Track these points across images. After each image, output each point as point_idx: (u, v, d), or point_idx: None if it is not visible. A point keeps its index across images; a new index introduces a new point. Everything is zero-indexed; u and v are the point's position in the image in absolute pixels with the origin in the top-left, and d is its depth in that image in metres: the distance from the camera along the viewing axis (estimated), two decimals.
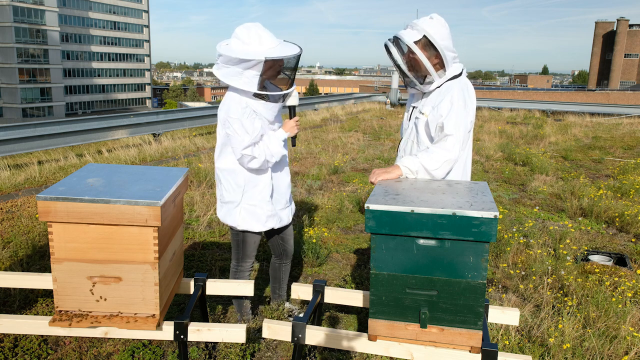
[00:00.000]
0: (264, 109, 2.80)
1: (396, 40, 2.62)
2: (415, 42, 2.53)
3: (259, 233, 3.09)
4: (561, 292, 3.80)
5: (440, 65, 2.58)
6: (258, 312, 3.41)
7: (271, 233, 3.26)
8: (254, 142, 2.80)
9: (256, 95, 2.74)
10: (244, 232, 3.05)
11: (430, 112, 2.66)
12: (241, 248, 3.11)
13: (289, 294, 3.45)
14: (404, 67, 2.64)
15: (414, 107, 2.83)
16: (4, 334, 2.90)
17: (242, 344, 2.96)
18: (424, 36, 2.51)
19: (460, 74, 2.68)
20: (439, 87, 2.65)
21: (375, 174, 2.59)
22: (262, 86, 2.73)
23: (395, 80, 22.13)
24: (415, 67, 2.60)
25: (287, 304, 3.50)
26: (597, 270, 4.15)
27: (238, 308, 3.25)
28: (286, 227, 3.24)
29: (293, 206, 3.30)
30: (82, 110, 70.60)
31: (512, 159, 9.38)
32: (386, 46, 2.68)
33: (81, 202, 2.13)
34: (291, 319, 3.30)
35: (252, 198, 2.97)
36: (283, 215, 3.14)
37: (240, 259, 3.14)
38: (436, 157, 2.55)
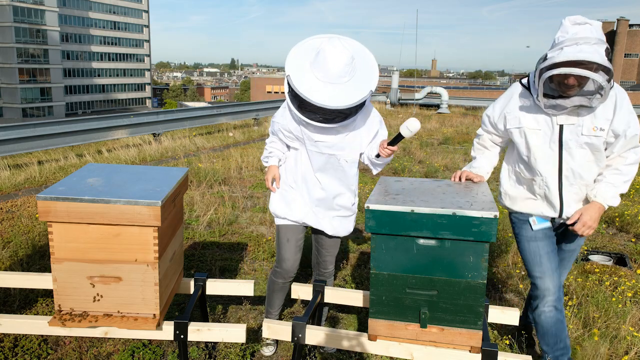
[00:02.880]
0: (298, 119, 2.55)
1: (581, 65, 2.15)
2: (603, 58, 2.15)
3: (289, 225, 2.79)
4: None
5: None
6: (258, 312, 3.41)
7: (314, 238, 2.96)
8: (273, 133, 2.78)
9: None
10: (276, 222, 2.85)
11: (612, 122, 2.33)
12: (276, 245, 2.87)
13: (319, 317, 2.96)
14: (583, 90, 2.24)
15: (561, 125, 2.38)
16: (4, 333, 2.89)
17: (242, 344, 2.96)
18: (606, 48, 2.20)
19: None
20: None
21: (588, 226, 2.39)
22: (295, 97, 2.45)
23: (395, 80, 22.14)
24: (582, 83, 2.23)
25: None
26: (597, 270, 4.15)
27: None
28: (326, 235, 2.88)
29: (346, 223, 2.85)
30: (82, 110, 70.59)
31: None
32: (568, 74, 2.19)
33: (81, 202, 2.13)
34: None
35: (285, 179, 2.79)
36: (322, 220, 2.78)
37: (276, 260, 2.88)
38: (632, 176, 2.41)
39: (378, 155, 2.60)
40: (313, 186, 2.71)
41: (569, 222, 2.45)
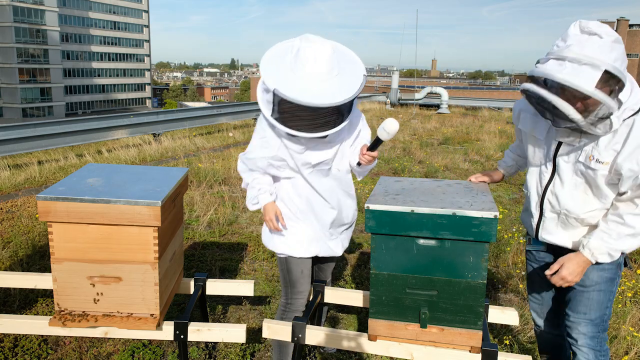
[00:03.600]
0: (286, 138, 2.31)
1: (559, 89, 1.79)
2: (597, 87, 1.72)
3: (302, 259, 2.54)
4: None
5: (619, 93, 1.80)
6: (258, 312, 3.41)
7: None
8: (247, 160, 2.43)
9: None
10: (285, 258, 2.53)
11: (618, 157, 1.90)
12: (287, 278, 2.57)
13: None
14: (570, 112, 1.79)
15: (560, 141, 2.05)
16: (4, 334, 2.89)
17: (242, 344, 2.96)
18: (605, 72, 1.72)
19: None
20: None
21: (567, 282, 2.07)
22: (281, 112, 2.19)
23: (395, 80, 22.14)
24: (588, 109, 1.79)
25: None
26: None
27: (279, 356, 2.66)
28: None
29: (350, 233, 2.72)
30: (82, 110, 70.59)
31: None
32: (533, 94, 1.87)
33: (81, 202, 2.13)
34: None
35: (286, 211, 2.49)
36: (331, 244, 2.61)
37: (286, 296, 2.61)
38: (639, 230, 1.95)
39: (360, 163, 2.38)
40: (322, 209, 2.46)
41: (547, 272, 2.12)
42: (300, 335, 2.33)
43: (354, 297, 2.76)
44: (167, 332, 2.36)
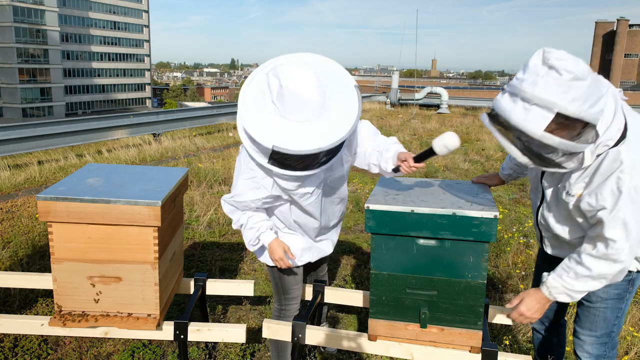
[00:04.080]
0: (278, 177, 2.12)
1: (505, 125, 1.67)
2: (547, 130, 1.57)
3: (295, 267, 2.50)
4: None
5: (589, 133, 1.61)
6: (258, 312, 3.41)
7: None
8: (236, 203, 2.24)
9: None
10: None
11: (584, 191, 1.80)
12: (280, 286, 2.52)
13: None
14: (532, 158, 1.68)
15: None
16: (4, 334, 2.89)
17: (242, 344, 2.96)
18: (557, 114, 1.55)
19: (624, 129, 1.71)
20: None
21: (525, 317, 2.00)
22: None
23: (395, 80, 22.13)
24: (549, 151, 1.65)
25: None
26: None
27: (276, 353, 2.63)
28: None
29: (339, 227, 2.68)
30: (82, 110, 70.57)
31: None
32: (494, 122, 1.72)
33: (81, 202, 2.13)
34: None
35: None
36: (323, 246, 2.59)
37: (280, 302, 2.58)
38: (596, 273, 1.81)
39: (396, 170, 2.23)
40: (312, 224, 2.39)
41: (507, 305, 2.06)
42: (300, 335, 2.33)
43: (354, 297, 2.76)
44: (167, 332, 2.36)
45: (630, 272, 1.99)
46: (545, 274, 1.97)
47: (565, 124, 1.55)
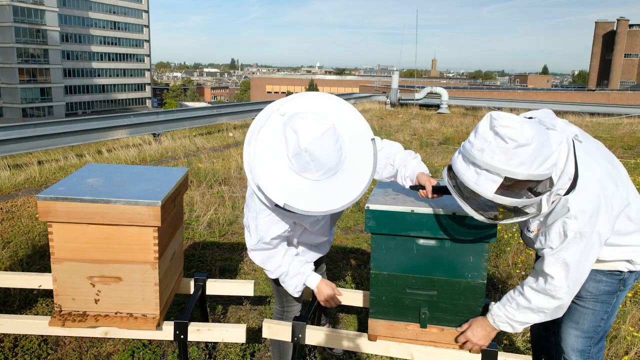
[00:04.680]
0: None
1: (460, 186, 1.77)
2: (497, 192, 1.67)
3: None
4: None
5: (542, 185, 1.70)
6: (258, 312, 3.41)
7: None
8: (266, 245, 2.18)
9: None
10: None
11: (540, 228, 1.92)
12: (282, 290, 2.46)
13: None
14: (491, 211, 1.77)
15: None
16: (4, 334, 2.89)
17: (242, 344, 2.96)
18: (505, 178, 1.64)
19: (575, 178, 1.77)
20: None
21: (471, 343, 2.07)
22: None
23: (395, 80, 22.15)
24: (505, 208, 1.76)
25: None
26: None
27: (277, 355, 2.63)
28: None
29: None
30: (82, 110, 70.58)
31: None
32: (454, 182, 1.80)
33: (81, 202, 2.13)
34: None
35: None
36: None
37: (281, 304, 2.55)
38: (535, 306, 1.91)
39: (414, 188, 2.17)
40: (315, 238, 2.40)
41: (457, 329, 2.14)
42: (300, 336, 2.33)
43: (354, 297, 2.76)
44: (167, 332, 2.36)
45: (621, 272, 2.01)
46: (492, 303, 2.06)
47: (515, 184, 1.64)
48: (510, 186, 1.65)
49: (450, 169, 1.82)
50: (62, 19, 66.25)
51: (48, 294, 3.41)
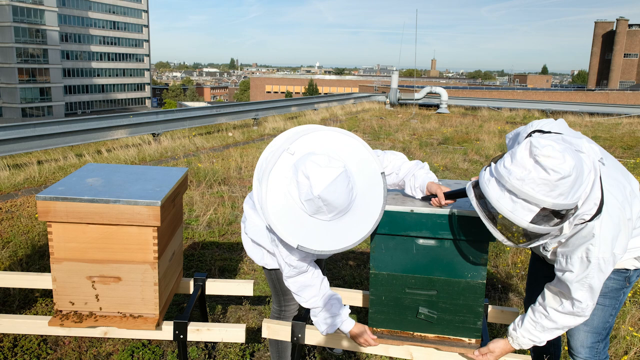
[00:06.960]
0: None
1: (493, 211, 1.73)
2: (532, 221, 1.64)
3: None
4: None
5: (570, 213, 1.69)
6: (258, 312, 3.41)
7: None
8: (301, 273, 2.18)
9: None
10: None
11: (558, 248, 1.93)
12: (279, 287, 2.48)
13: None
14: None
15: None
16: (3, 333, 2.89)
17: (242, 344, 2.96)
18: (543, 208, 1.62)
19: (600, 204, 1.76)
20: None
21: (493, 352, 2.09)
22: None
23: (395, 80, 22.14)
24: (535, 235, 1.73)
25: None
26: None
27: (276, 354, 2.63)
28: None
29: None
30: (81, 110, 70.57)
31: None
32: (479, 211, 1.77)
33: (81, 202, 2.13)
34: None
35: None
36: None
37: (278, 303, 2.55)
38: (562, 325, 1.95)
39: (425, 199, 2.16)
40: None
41: (476, 352, 2.14)
42: (299, 335, 2.33)
43: (353, 297, 2.76)
44: (166, 332, 2.36)
45: (627, 269, 2.06)
46: (510, 327, 2.08)
47: (550, 214, 1.63)
48: (544, 216, 1.63)
49: (476, 185, 1.78)
50: (61, 18, 66.24)
51: (48, 294, 3.41)
